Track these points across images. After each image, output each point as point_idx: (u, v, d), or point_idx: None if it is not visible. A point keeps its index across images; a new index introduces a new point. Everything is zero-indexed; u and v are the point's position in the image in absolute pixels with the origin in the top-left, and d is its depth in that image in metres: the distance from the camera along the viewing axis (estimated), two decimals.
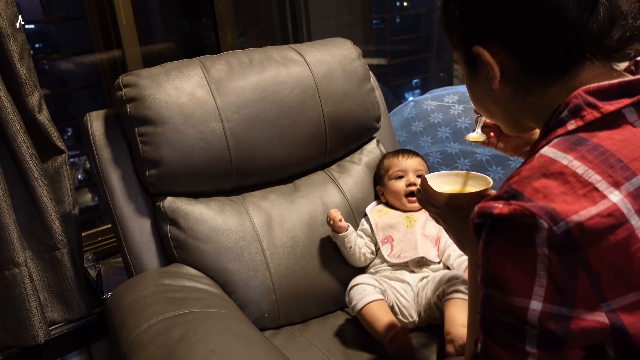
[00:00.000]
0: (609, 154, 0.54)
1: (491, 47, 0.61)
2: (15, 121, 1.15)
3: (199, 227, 1.20)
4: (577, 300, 0.51)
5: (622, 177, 0.52)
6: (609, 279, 0.51)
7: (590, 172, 0.53)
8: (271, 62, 1.29)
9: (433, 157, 1.88)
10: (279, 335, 1.21)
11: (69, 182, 1.31)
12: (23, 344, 1.25)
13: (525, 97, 0.64)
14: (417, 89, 3.17)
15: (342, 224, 1.25)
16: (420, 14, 3.11)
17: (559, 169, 0.54)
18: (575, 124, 0.57)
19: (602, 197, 0.51)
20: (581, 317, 0.52)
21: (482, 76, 0.65)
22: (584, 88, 0.58)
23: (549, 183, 0.53)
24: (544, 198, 0.52)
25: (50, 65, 2.01)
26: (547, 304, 0.52)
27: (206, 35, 2.03)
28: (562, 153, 0.55)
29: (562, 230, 0.50)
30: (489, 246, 0.56)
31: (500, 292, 0.55)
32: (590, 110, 0.57)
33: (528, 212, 0.52)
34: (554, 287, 0.52)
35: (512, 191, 0.55)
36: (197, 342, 0.87)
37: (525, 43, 0.60)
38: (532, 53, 0.60)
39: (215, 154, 1.21)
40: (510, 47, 0.61)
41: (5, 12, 1.10)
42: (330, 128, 1.34)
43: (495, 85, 0.63)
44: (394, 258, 1.24)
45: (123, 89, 1.17)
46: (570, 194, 0.52)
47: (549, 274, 0.51)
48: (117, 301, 1.09)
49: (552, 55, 0.59)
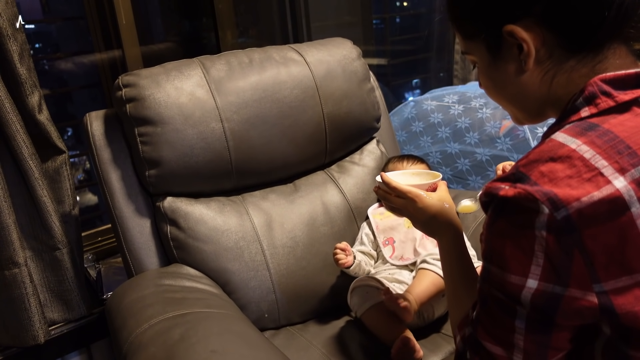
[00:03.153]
0: (619, 140, 0.54)
1: (525, 24, 0.60)
2: (15, 121, 1.15)
3: (199, 227, 1.20)
4: (571, 279, 0.53)
5: (629, 164, 0.53)
6: (603, 261, 0.52)
7: (598, 157, 0.53)
8: (271, 62, 1.29)
9: (433, 157, 1.88)
10: (279, 336, 1.21)
11: (69, 182, 1.31)
12: (23, 344, 1.25)
13: (552, 79, 0.63)
14: (417, 89, 3.16)
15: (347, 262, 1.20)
16: (420, 14, 3.11)
17: (566, 152, 0.54)
18: (589, 111, 0.58)
19: (606, 182, 0.52)
20: (573, 295, 0.53)
21: (509, 59, 0.63)
22: (600, 76, 0.58)
23: (555, 166, 0.54)
24: (549, 182, 0.53)
25: (50, 65, 2.01)
26: (542, 282, 0.54)
27: (206, 35, 2.03)
28: (571, 138, 0.56)
29: (562, 216, 0.52)
30: (493, 224, 0.58)
31: (499, 269, 0.57)
32: (605, 98, 0.57)
33: (531, 197, 0.53)
34: (550, 267, 0.53)
35: (519, 174, 0.56)
36: (197, 342, 0.87)
37: (564, 17, 0.58)
38: (570, 28, 0.59)
39: (215, 154, 1.21)
40: (547, 22, 0.59)
41: (5, 12, 1.10)
42: (330, 128, 1.34)
43: (530, 65, 0.62)
44: (396, 260, 1.24)
45: (123, 89, 1.17)
46: (576, 177, 0.53)
47: (545, 255, 0.53)
48: (117, 301, 1.09)
49: (589, 31, 0.58)
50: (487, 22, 0.63)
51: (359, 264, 1.23)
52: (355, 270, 1.24)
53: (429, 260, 1.16)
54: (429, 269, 1.14)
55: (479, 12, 0.64)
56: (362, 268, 1.24)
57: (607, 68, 0.59)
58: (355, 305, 1.15)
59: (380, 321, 1.12)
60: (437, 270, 1.13)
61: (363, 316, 1.13)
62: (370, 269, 1.27)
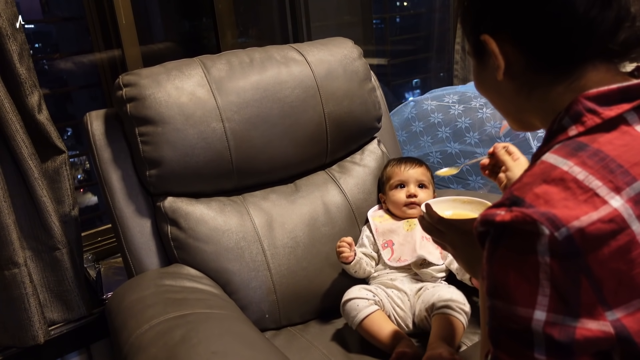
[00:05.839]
0: (610, 159, 0.53)
1: (499, 38, 0.61)
2: (15, 121, 1.14)
3: (200, 228, 1.20)
4: (581, 309, 0.51)
5: (623, 182, 0.52)
6: (612, 286, 0.51)
7: (591, 178, 0.52)
8: (272, 62, 1.29)
9: (433, 157, 1.88)
10: (280, 336, 1.21)
11: (68, 182, 1.31)
12: (23, 344, 1.25)
13: (529, 94, 0.64)
14: (417, 89, 3.16)
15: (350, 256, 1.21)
16: (420, 14, 3.11)
17: (559, 175, 0.54)
18: (577, 130, 0.57)
19: (603, 202, 0.51)
20: (586, 326, 0.51)
21: (489, 67, 0.65)
22: (584, 94, 0.58)
23: (550, 189, 0.53)
24: (545, 204, 0.52)
25: (50, 65, 2.00)
26: (551, 314, 0.52)
27: (206, 35, 2.03)
28: (562, 159, 0.55)
29: (563, 236, 0.50)
30: (493, 255, 0.55)
31: (505, 303, 0.54)
32: (590, 116, 0.57)
33: (529, 219, 0.51)
34: (557, 297, 0.51)
35: (514, 198, 0.54)
36: (198, 343, 0.87)
37: (533, 36, 0.59)
38: (539, 47, 0.60)
39: (216, 154, 1.20)
40: (517, 40, 0.60)
41: (5, 12, 1.10)
42: (331, 128, 1.34)
43: (500, 77, 0.63)
44: (394, 262, 1.24)
45: (123, 89, 1.16)
46: (572, 199, 0.52)
47: (551, 283, 0.51)
48: (117, 302, 1.09)
49: (558, 51, 0.59)
50: (470, 27, 0.65)
51: (359, 260, 1.23)
52: (355, 268, 1.23)
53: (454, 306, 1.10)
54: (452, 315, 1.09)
55: (465, 16, 0.66)
56: (363, 267, 1.24)
57: (585, 85, 0.59)
58: (349, 320, 1.14)
59: (375, 331, 1.11)
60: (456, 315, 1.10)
61: (358, 328, 1.13)
62: (371, 270, 1.26)
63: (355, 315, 1.12)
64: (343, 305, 1.16)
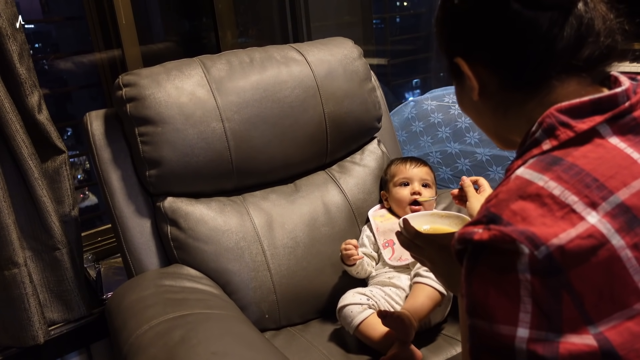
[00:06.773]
0: (585, 173, 0.53)
1: (472, 59, 0.63)
2: (14, 121, 1.14)
3: (200, 228, 1.20)
4: (563, 324, 0.51)
5: (599, 197, 0.52)
6: (593, 300, 0.50)
7: (567, 193, 0.52)
8: (272, 62, 1.29)
9: (433, 157, 1.88)
10: (280, 336, 1.21)
11: (68, 182, 1.31)
12: (22, 344, 1.25)
13: (505, 112, 0.64)
14: (417, 89, 3.16)
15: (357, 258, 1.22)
16: (420, 14, 3.11)
17: (535, 190, 0.53)
18: (550, 144, 0.57)
19: (580, 218, 0.51)
20: (569, 340, 0.51)
21: (466, 87, 0.66)
22: (556, 107, 0.58)
23: (526, 205, 0.53)
24: (522, 221, 0.52)
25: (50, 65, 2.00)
26: (534, 330, 0.51)
27: (206, 35, 2.03)
28: (537, 174, 0.54)
29: (543, 255, 0.50)
30: (471, 273, 0.54)
31: (486, 322, 0.54)
32: (563, 129, 0.57)
33: (508, 238, 0.51)
34: (539, 313, 0.51)
35: (491, 215, 0.54)
36: (197, 344, 0.87)
37: (501, 55, 0.61)
38: (507, 67, 0.61)
39: (216, 154, 1.20)
40: (488, 60, 0.62)
41: (5, 12, 1.10)
42: (331, 128, 1.34)
43: (475, 97, 0.64)
44: (394, 261, 1.24)
45: (123, 89, 1.16)
46: (549, 216, 0.51)
47: (533, 299, 0.50)
48: (117, 302, 1.09)
49: (524, 70, 0.60)
50: (444, 50, 0.67)
51: (361, 262, 1.23)
52: (357, 270, 1.24)
53: (422, 273, 1.15)
54: (424, 282, 1.13)
55: (439, 40, 0.67)
56: (364, 267, 1.24)
57: (556, 99, 0.59)
58: (345, 325, 1.15)
59: (371, 335, 1.11)
60: (431, 282, 1.12)
61: (356, 333, 1.13)
62: (372, 270, 1.26)
63: (351, 322, 1.13)
64: (338, 312, 1.17)
